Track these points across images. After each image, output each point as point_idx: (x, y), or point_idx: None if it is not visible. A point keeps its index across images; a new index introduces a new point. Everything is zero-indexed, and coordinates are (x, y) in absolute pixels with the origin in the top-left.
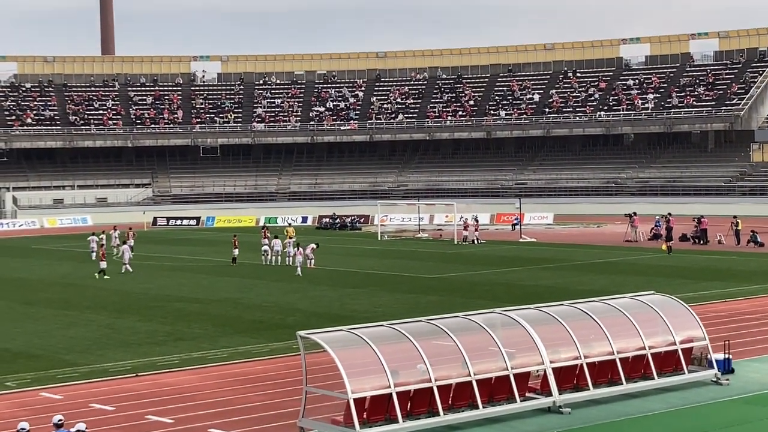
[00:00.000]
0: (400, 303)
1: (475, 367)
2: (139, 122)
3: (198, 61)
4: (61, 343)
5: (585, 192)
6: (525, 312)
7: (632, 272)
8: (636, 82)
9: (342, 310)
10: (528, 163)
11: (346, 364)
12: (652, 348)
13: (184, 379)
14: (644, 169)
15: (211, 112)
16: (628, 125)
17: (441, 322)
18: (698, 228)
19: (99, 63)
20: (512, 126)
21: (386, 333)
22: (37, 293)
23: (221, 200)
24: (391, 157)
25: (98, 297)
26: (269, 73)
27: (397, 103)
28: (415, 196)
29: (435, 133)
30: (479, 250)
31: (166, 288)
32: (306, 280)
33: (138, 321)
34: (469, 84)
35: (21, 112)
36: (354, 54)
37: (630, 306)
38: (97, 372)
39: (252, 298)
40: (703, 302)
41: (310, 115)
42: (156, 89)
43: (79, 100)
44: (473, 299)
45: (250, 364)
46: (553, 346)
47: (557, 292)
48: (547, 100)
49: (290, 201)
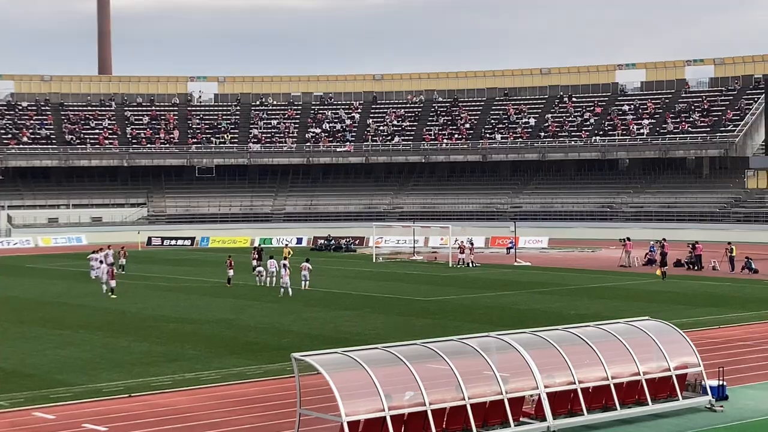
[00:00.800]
0: (395, 325)
1: (470, 391)
2: (135, 142)
3: (195, 81)
4: (54, 362)
5: (580, 216)
6: (519, 336)
7: (626, 297)
8: (631, 108)
9: (336, 333)
10: (523, 187)
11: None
12: (646, 374)
13: (178, 400)
14: (639, 194)
15: (207, 132)
16: (623, 150)
17: (435, 345)
18: (693, 254)
19: (96, 82)
20: (508, 149)
21: (381, 356)
22: (30, 312)
23: (216, 221)
24: (387, 179)
25: (92, 316)
26: (266, 94)
27: (393, 125)
28: (410, 218)
29: (431, 156)
30: (474, 273)
31: (161, 308)
32: (300, 301)
33: (132, 341)
34: (465, 107)
35: (17, 130)
36: (351, 76)
37: (624, 331)
38: (90, 392)
39: (246, 319)
40: (697, 328)
41: (306, 137)
42: (152, 109)
43: (76, 119)
44: (468, 322)
45: (244, 386)
46: (547, 370)
47: (551, 317)
48: (542, 124)
49: (285, 222)
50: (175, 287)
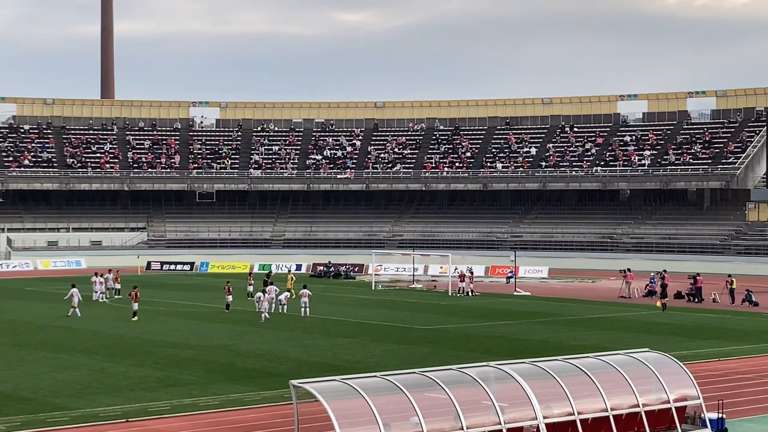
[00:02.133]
0: (393, 354)
1: (468, 421)
2: (136, 166)
3: (197, 106)
4: (51, 386)
5: (580, 247)
6: (518, 366)
7: (626, 328)
8: (633, 139)
9: (334, 360)
10: (524, 216)
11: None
12: (645, 406)
13: (175, 426)
14: (640, 226)
15: (208, 157)
16: (624, 181)
17: (434, 374)
18: (693, 286)
19: (98, 106)
20: (509, 179)
21: (379, 384)
22: (28, 335)
23: (216, 246)
24: (387, 207)
25: (90, 341)
26: (267, 120)
27: (394, 152)
28: (410, 246)
29: (431, 184)
30: (473, 302)
31: (159, 333)
32: (299, 328)
33: (129, 366)
34: (466, 136)
35: (18, 153)
36: (352, 103)
37: (624, 363)
38: (87, 416)
39: (244, 345)
40: (697, 361)
41: (306, 163)
42: (154, 134)
43: (77, 143)
44: (467, 352)
45: (242, 412)
46: (546, 401)
47: (551, 347)
48: (543, 154)
49: (285, 248)
50: (174, 312)
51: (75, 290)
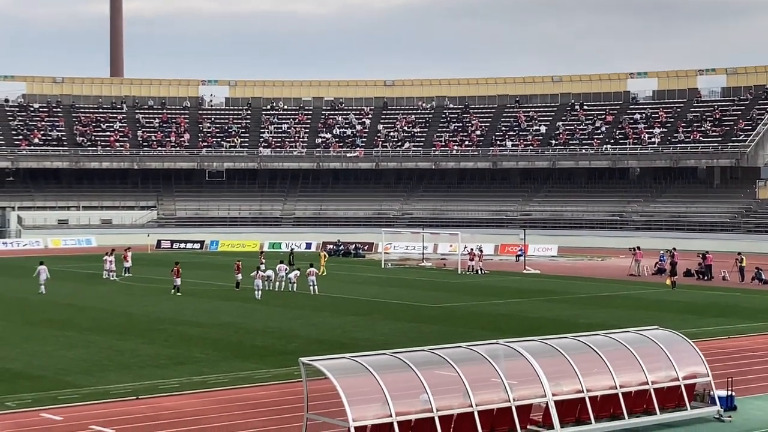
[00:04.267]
0: (403, 331)
1: (477, 398)
2: (146, 145)
3: (206, 85)
4: (61, 364)
5: (590, 225)
6: (528, 344)
7: (635, 306)
8: (643, 116)
9: (344, 338)
10: (533, 195)
11: (348, 391)
12: (654, 383)
13: (185, 403)
14: (649, 204)
15: (217, 136)
16: (634, 159)
17: (444, 351)
18: (703, 264)
19: (108, 85)
20: (518, 157)
21: (389, 361)
22: (38, 314)
23: (226, 224)
24: (397, 185)
25: (100, 318)
26: (276, 99)
27: (403, 131)
28: (419, 224)
29: (441, 162)
30: (483, 281)
31: (169, 311)
32: (309, 306)
33: (140, 343)
34: (476, 114)
35: (28, 131)
36: (362, 81)
37: (633, 340)
38: (97, 394)
39: (254, 323)
40: (706, 338)
41: (316, 142)
42: (164, 112)
43: (87, 122)
44: (476, 329)
45: (251, 390)
46: (555, 378)
47: (560, 325)
48: (553, 132)
49: (295, 226)
50: (184, 290)
51: (43, 267)
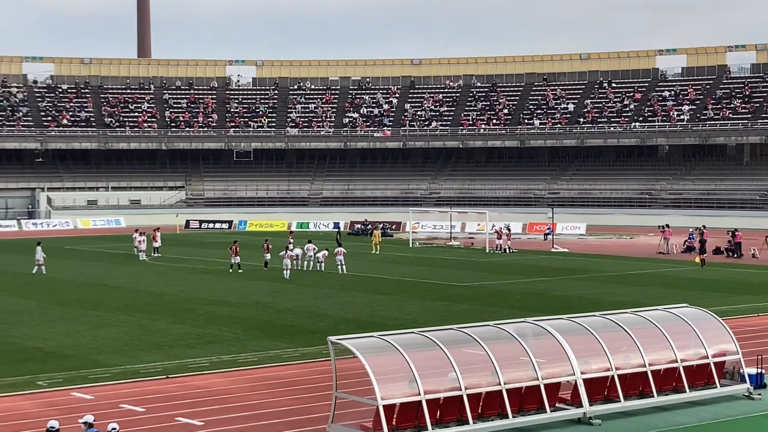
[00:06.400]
0: (431, 311)
1: (506, 376)
2: (173, 125)
3: (233, 65)
4: (92, 343)
5: (618, 203)
6: (556, 322)
7: (664, 284)
8: (672, 94)
9: (372, 317)
10: (561, 173)
11: (376, 370)
12: (684, 361)
13: (215, 382)
14: (678, 181)
15: (245, 116)
16: (663, 137)
17: (472, 330)
18: (732, 241)
19: (135, 65)
20: (546, 135)
21: (417, 340)
22: (69, 293)
23: (254, 204)
24: (424, 165)
25: (130, 298)
26: (304, 79)
27: (431, 110)
28: (447, 203)
29: (468, 141)
30: (511, 259)
31: (198, 291)
32: (337, 285)
33: (169, 323)
34: (503, 92)
35: (57, 113)
36: (389, 61)
37: (662, 318)
38: (127, 373)
39: (283, 302)
40: (736, 316)
41: (343, 121)
42: (191, 93)
43: (115, 102)
44: (504, 308)
45: (281, 368)
46: (584, 356)
47: (588, 303)
48: (581, 110)
49: (322, 206)
50: (213, 270)
51: (39, 248)
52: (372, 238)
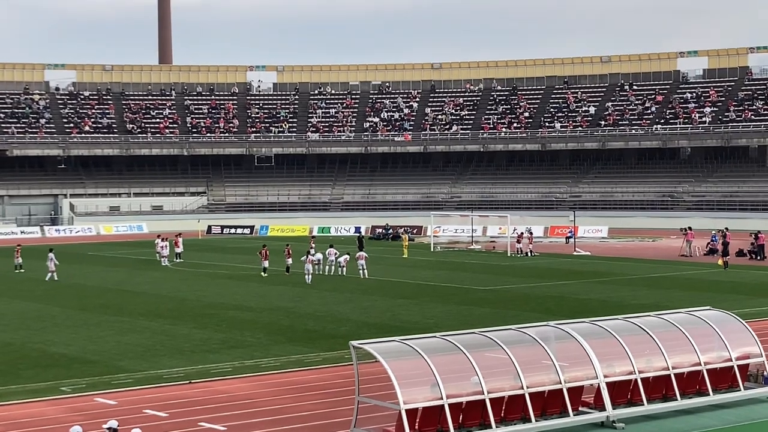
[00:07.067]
0: (452, 315)
1: (528, 380)
2: (195, 131)
3: (254, 70)
4: (115, 349)
5: (640, 206)
6: (579, 325)
7: (687, 287)
8: (693, 96)
9: (394, 321)
10: (583, 176)
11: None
12: (707, 364)
13: (237, 387)
14: (701, 184)
15: (266, 121)
16: (684, 139)
17: (494, 334)
18: (755, 243)
19: (156, 72)
20: (567, 138)
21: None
22: (92, 299)
23: (275, 209)
24: (445, 169)
25: (152, 304)
26: (324, 83)
27: (451, 114)
28: (468, 207)
29: (489, 145)
30: (532, 263)
31: (220, 296)
32: (358, 290)
33: (192, 328)
34: (524, 96)
35: (79, 119)
36: (409, 65)
37: (685, 321)
38: (150, 378)
39: (304, 307)
40: (759, 318)
41: (364, 126)
42: (212, 98)
43: (137, 109)
44: (526, 312)
45: (303, 373)
46: (606, 360)
47: (611, 306)
48: (602, 113)
49: (343, 211)
50: (234, 275)
51: (51, 254)
52: (402, 242)
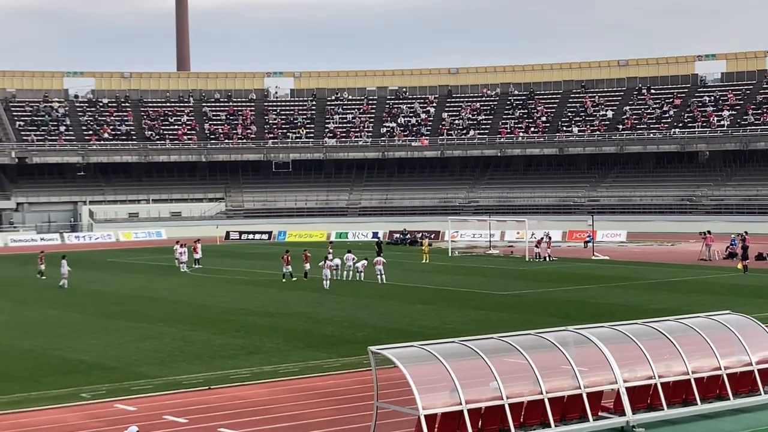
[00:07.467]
0: (471, 319)
1: (547, 385)
2: (213, 137)
3: (271, 77)
4: (135, 355)
5: (659, 210)
6: (598, 330)
7: (707, 291)
8: (711, 99)
9: (412, 326)
10: (601, 180)
11: (417, 380)
12: (727, 368)
13: (256, 393)
14: (719, 187)
15: (283, 127)
16: (703, 142)
17: (512, 339)
18: None
19: (174, 79)
20: (585, 142)
21: (457, 349)
22: (112, 306)
23: (293, 215)
24: (462, 173)
25: (171, 310)
26: (341, 89)
27: (468, 118)
28: (486, 212)
29: (507, 150)
30: (551, 267)
31: (239, 302)
32: (376, 295)
33: (211, 334)
34: (541, 100)
35: (98, 127)
36: (426, 70)
37: (705, 325)
38: (170, 384)
39: (323, 312)
40: None
41: (381, 131)
42: (230, 105)
43: (155, 116)
44: (545, 317)
45: (322, 379)
46: (626, 365)
47: (630, 311)
48: (620, 117)
49: (361, 216)
50: (253, 281)
51: (63, 261)
52: (422, 247)
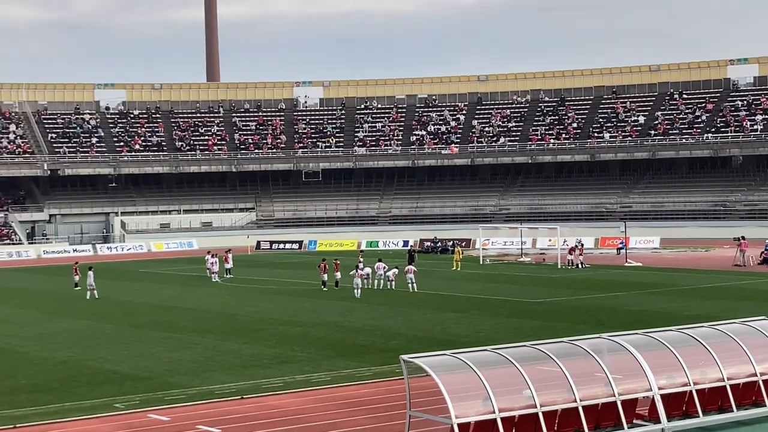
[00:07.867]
0: (503, 327)
1: (581, 393)
2: (243, 147)
3: (300, 86)
4: (167, 365)
5: (692, 215)
6: (632, 337)
7: (741, 297)
8: (744, 104)
9: (444, 334)
10: (633, 186)
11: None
12: (763, 374)
13: (289, 402)
14: (753, 192)
15: (313, 136)
16: (736, 147)
17: (545, 347)
18: None
19: (204, 89)
20: (617, 148)
21: (490, 357)
22: (144, 316)
23: (323, 224)
24: (493, 181)
25: (203, 320)
26: (370, 98)
27: (498, 126)
28: (517, 219)
29: (537, 156)
30: (583, 275)
31: (270, 311)
32: (408, 303)
33: (242, 344)
34: (572, 106)
35: (129, 138)
36: (455, 77)
37: (740, 331)
38: (202, 394)
39: (354, 321)
40: None
41: (411, 139)
42: (260, 115)
43: (185, 126)
44: (577, 324)
45: (354, 388)
46: (661, 372)
47: (664, 318)
48: (652, 122)
49: (391, 225)
50: (284, 290)
51: (90, 272)
52: (454, 255)
